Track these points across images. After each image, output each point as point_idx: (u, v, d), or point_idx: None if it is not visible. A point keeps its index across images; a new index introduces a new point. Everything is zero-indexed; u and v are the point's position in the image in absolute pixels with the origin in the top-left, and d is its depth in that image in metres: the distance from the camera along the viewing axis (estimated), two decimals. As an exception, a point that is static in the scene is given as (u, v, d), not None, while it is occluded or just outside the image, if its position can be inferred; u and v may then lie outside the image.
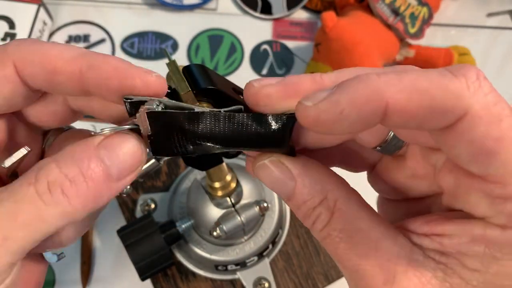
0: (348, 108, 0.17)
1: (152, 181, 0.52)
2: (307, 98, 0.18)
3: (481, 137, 0.16)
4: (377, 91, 0.16)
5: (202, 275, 0.47)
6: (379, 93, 0.16)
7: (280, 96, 0.20)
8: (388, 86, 0.17)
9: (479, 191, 0.18)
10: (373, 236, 0.19)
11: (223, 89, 0.28)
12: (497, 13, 0.67)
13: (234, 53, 0.63)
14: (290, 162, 0.20)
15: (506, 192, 0.17)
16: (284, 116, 0.20)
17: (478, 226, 0.18)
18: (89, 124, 0.58)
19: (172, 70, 0.27)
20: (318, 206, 0.20)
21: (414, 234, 0.19)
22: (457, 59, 0.58)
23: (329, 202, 0.20)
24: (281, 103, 0.20)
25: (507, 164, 0.17)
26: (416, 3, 0.57)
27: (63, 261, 0.53)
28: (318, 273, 0.48)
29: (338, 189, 0.20)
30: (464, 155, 0.17)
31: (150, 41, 0.64)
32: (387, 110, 0.17)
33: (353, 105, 0.17)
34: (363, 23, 0.55)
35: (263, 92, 0.20)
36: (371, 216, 0.20)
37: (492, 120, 0.16)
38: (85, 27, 0.64)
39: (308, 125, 0.18)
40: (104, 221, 0.53)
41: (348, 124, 0.17)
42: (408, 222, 0.20)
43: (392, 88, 0.16)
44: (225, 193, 0.40)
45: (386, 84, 0.17)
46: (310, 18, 0.66)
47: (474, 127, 0.16)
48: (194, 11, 0.66)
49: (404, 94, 0.16)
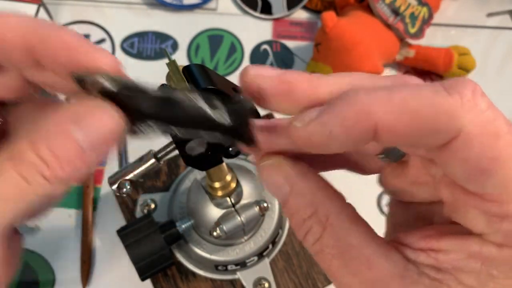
0: (336, 129, 0.17)
1: (152, 181, 0.52)
2: (296, 118, 0.18)
3: (476, 156, 0.16)
4: (365, 112, 0.16)
5: (202, 275, 0.47)
6: (367, 114, 0.16)
7: (274, 93, 0.19)
8: (376, 106, 0.16)
9: (476, 208, 0.18)
10: (365, 253, 0.19)
11: (223, 89, 0.28)
12: (497, 13, 0.67)
13: (234, 53, 0.63)
14: (290, 167, 0.20)
15: (503, 210, 0.17)
16: (239, 103, 0.20)
17: (475, 243, 0.18)
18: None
19: (172, 70, 0.27)
20: (309, 218, 0.20)
21: (409, 249, 0.19)
22: (457, 59, 0.58)
23: (319, 216, 0.19)
24: (273, 99, 0.19)
25: (503, 182, 0.16)
26: (416, 3, 0.57)
27: (63, 260, 0.53)
28: (318, 273, 0.48)
29: (330, 203, 0.20)
30: (459, 173, 0.17)
31: (150, 41, 0.64)
32: (377, 130, 0.16)
33: (341, 127, 0.17)
34: (363, 23, 0.55)
35: (256, 82, 0.19)
36: (364, 232, 0.19)
37: (488, 139, 0.16)
38: (85, 27, 0.64)
39: (301, 145, 0.18)
40: (104, 221, 0.53)
41: (338, 144, 0.17)
42: (405, 236, 0.20)
43: (381, 108, 0.16)
44: (225, 193, 0.40)
45: (375, 104, 0.16)
46: (310, 18, 0.66)
47: (468, 146, 0.16)
48: (194, 11, 0.66)
49: (393, 115, 0.16)
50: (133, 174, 0.33)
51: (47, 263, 0.51)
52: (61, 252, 0.51)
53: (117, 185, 0.33)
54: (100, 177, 0.55)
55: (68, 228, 0.52)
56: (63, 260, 0.51)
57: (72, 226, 0.53)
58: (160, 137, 0.21)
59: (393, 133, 0.17)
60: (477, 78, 0.61)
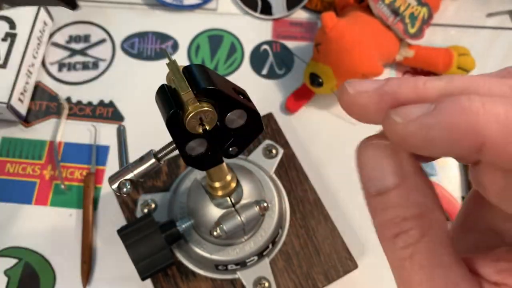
0: (440, 137, 0.15)
1: (152, 181, 0.52)
2: (396, 112, 0.16)
3: None
4: (477, 125, 0.14)
5: (202, 275, 0.47)
6: (479, 128, 0.14)
7: (378, 108, 0.17)
8: (490, 122, 0.14)
9: None
10: (455, 276, 0.17)
11: (223, 89, 0.28)
12: (496, 13, 0.67)
13: (234, 53, 0.64)
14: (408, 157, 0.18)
15: None
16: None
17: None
18: (90, 124, 0.58)
19: (172, 70, 0.27)
20: (410, 219, 0.17)
21: (484, 280, 0.17)
22: (456, 59, 0.58)
23: (424, 220, 0.17)
24: (378, 115, 0.17)
25: None
26: (416, 3, 0.57)
27: (63, 260, 0.53)
28: (318, 273, 0.48)
29: (437, 211, 0.18)
30: None
31: (150, 41, 0.64)
32: (483, 147, 0.15)
33: (446, 136, 0.15)
34: (363, 24, 0.55)
35: (358, 102, 0.18)
36: (454, 254, 0.17)
37: None
38: (86, 27, 0.64)
39: (394, 141, 0.16)
40: (105, 221, 0.53)
41: (437, 151, 0.16)
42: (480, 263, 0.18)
43: (494, 125, 0.14)
44: (225, 193, 0.40)
45: (489, 119, 0.14)
46: (310, 19, 0.66)
47: None
48: (194, 11, 0.66)
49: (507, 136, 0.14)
50: (134, 174, 0.33)
51: (48, 262, 0.51)
52: (62, 252, 0.52)
53: (117, 185, 0.33)
54: (101, 177, 0.55)
55: (69, 228, 0.53)
56: (64, 259, 0.51)
57: (72, 225, 0.53)
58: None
59: (501, 155, 0.15)
60: (476, 78, 0.61)
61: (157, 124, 0.41)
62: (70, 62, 0.62)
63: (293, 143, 0.54)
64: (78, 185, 0.55)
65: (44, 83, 0.60)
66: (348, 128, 0.58)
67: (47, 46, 0.63)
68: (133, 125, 0.57)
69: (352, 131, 0.58)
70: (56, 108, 0.59)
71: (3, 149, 0.56)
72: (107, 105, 0.59)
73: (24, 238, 0.52)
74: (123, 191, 0.33)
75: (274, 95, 0.61)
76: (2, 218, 0.53)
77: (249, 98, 0.31)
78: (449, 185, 0.56)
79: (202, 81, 0.27)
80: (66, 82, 0.61)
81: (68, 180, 0.55)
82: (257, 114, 0.31)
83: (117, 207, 0.52)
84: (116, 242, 0.42)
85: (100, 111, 0.59)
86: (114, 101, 0.60)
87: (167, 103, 0.28)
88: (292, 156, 0.53)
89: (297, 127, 0.58)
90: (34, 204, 0.54)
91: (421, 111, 0.15)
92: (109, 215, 0.53)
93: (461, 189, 0.56)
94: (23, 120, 0.58)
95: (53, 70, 0.61)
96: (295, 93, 0.60)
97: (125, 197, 0.52)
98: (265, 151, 0.52)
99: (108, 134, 0.58)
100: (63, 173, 0.55)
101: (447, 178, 0.56)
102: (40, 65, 0.61)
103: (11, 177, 0.55)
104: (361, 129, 0.54)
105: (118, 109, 0.59)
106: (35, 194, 0.54)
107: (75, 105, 0.59)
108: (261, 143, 0.52)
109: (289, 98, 0.59)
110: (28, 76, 0.58)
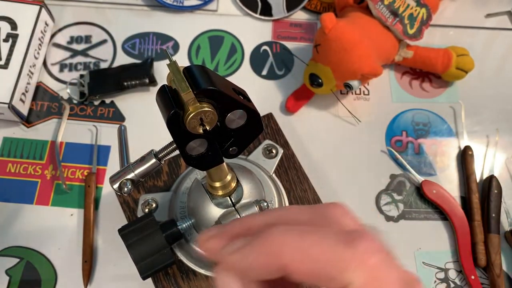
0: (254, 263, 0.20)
1: (153, 181, 0.52)
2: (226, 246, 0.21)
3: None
4: (276, 254, 0.19)
5: (202, 274, 0.47)
6: (278, 256, 0.19)
7: (221, 245, 0.22)
8: (286, 250, 0.19)
9: None
10: None
11: (223, 89, 0.28)
12: (495, 14, 0.67)
13: (234, 54, 0.64)
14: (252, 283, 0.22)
15: None
16: None
17: None
18: (91, 124, 0.58)
19: (173, 70, 0.27)
20: None
21: None
22: (455, 60, 0.58)
23: None
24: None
25: None
26: (415, 4, 0.57)
27: (64, 260, 0.53)
28: (317, 272, 0.49)
29: None
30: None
31: (151, 42, 0.64)
32: (286, 269, 0.19)
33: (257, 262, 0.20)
34: (362, 24, 0.55)
35: (207, 246, 0.23)
36: None
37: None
38: (87, 28, 0.65)
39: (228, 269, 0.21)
40: (105, 220, 0.53)
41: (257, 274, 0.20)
42: None
43: (289, 252, 0.19)
44: (226, 193, 0.41)
45: (286, 248, 0.19)
46: (309, 19, 0.66)
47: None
48: (195, 12, 0.66)
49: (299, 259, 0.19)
50: (134, 174, 0.33)
51: (49, 262, 0.51)
52: (63, 251, 0.52)
53: (118, 185, 0.33)
54: (102, 177, 0.56)
55: (70, 227, 0.53)
56: (65, 259, 0.52)
57: (73, 225, 0.53)
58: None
59: (298, 274, 0.19)
60: (475, 78, 0.61)
61: (158, 124, 0.41)
62: (71, 63, 0.62)
63: (292, 143, 0.55)
64: (79, 185, 0.55)
65: (45, 84, 0.61)
66: (347, 128, 0.59)
67: (49, 46, 0.63)
68: (134, 125, 0.58)
69: (352, 131, 0.58)
70: (57, 109, 0.59)
71: (5, 149, 0.57)
72: (108, 105, 0.60)
73: (26, 237, 0.52)
74: (124, 191, 0.33)
75: (274, 95, 0.61)
76: (3, 218, 0.53)
77: (249, 98, 0.31)
78: (449, 185, 0.56)
79: (203, 82, 0.28)
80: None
81: (69, 180, 0.55)
82: (257, 114, 0.31)
83: (118, 206, 0.52)
84: (117, 241, 0.42)
85: (101, 111, 0.59)
86: (115, 101, 0.60)
87: (167, 104, 0.28)
88: (292, 156, 0.54)
89: (297, 127, 0.59)
90: (36, 204, 0.54)
91: (241, 243, 0.21)
92: (110, 214, 0.53)
93: (460, 189, 0.56)
94: (25, 120, 0.58)
95: (55, 71, 0.62)
96: (295, 93, 0.60)
97: (126, 197, 0.52)
98: (265, 151, 0.52)
99: (109, 134, 0.58)
100: (64, 173, 0.55)
101: (447, 178, 0.56)
102: (42, 66, 0.61)
103: (12, 177, 0.55)
104: (361, 129, 0.55)
105: (119, 109, 0.59)
106: (37, 194, 0.55)
107: (76, 105, 0.60)
108: (261, 143, 0.53)
109: (289, 99, 0.59)
110: (29, 76, 0.58)
